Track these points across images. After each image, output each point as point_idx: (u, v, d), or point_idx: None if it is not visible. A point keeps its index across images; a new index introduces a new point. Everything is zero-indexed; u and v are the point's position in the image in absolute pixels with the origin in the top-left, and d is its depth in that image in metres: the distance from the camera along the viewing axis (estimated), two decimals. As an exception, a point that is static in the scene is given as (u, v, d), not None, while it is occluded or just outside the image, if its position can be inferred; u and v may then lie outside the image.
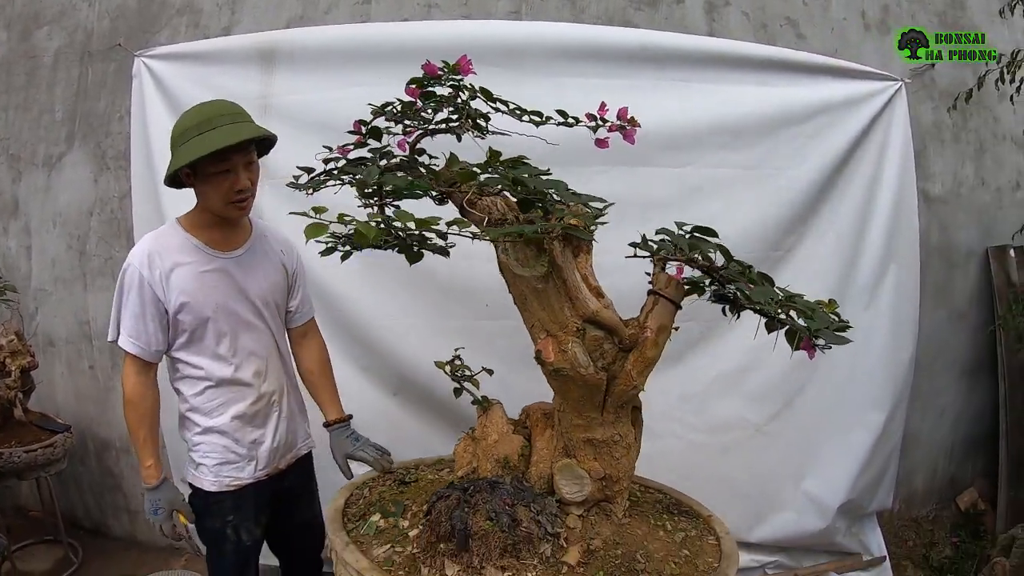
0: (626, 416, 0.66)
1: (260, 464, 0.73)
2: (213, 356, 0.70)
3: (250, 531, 0.74)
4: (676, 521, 0.71)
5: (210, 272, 0.69)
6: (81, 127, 1.31)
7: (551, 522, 0.60)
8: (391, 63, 1.13)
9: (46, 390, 1.34)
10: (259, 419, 0.73)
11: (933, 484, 1.51)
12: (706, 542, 0.67)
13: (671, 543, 0.65)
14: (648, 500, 0.76)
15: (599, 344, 0.61)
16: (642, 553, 0.62)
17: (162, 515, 0.70)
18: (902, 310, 1.27)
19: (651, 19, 1.21)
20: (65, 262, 1.34)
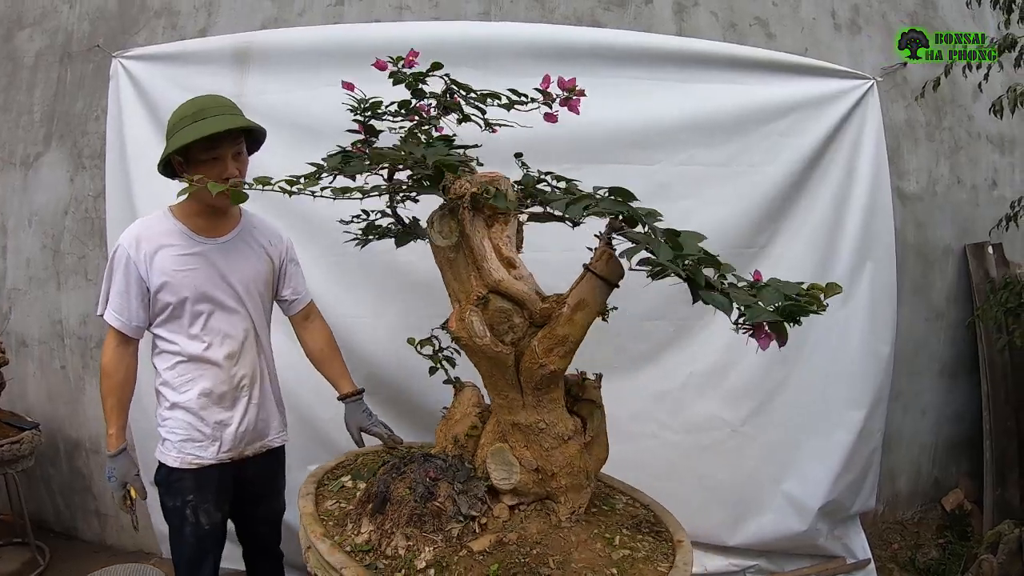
0: (553, 403, 0.60)
1: (224, 446, 0.75)
2: (187, 334, 0.74)
3: (209, 514, 0.75)
4: (632, 538, 0.62)
5: (191, 256, 0.73)
6: (59, 127, 1.33)
7: (470, 504, 0.59)
8: (363, 63, 1.17)
9: (18, 390, 1.34)
10: (227, 401, 0.75)
11: (917, 485, 1.50)
12: (653, 568, 0.58)
13: (604, 559, 0.57)
14: (623, 512, 0.68)
15: (507, 317, 0.57)
16: (557, 560, 0.56)
17: (114, 483, 0.74)
18: (879, 307, 1.27)
19: (620, 19, 1.24)
20: (39, 261, 1.35)
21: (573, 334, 0.56)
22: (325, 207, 1.12)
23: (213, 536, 0.77)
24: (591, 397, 0.63)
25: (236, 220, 0.79)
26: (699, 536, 1.23)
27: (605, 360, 1.16)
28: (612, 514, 0.67)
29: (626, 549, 0.60)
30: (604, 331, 1.14)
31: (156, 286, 0.72)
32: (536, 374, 0.57)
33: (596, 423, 0.63)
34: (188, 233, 0.74)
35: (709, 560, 1.24)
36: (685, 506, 1.18)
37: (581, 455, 0.61)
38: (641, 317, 1.17)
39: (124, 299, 0.72)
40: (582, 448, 0.62)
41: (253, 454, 0.79)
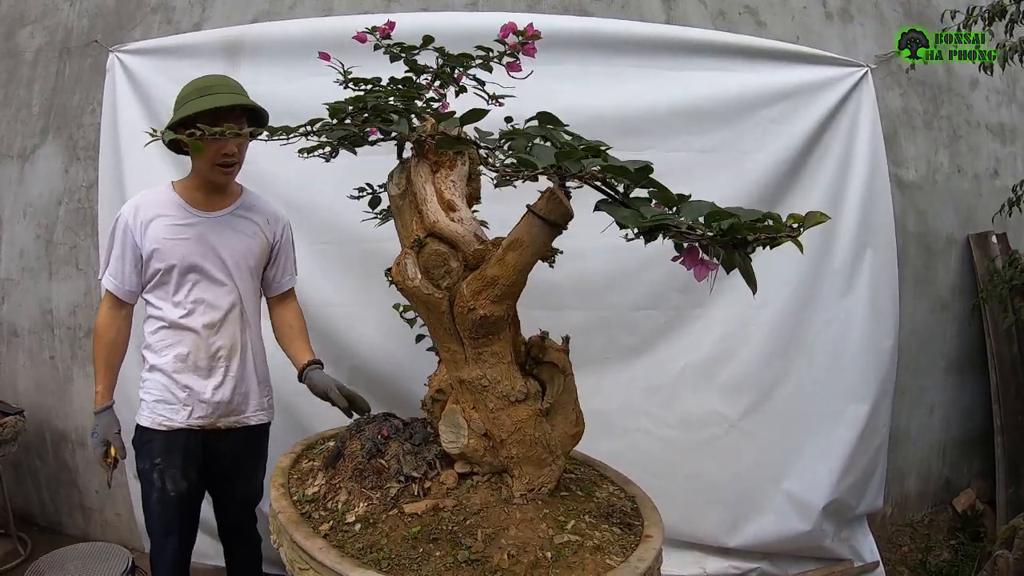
0: (496, 358, 0.54)
1: (195, 412, 0.77)
2: (172, 301, 0.77)
3: (175, 480, 0.76)
4: (593, 527, 0.56)
5: (184, 226, 0.77)
6: (55, 120, 1.36)
7: (414, 466, 0.58)
8: (351, 53, 1.20)
9: (7, 380, 1.35)
10: (202, 369, 0.78)
11: (927, 486, 1.45)
12: (600, 559, 0.51)
13: (542, 540, 0.51)
14: (600, 500, 0.61)
15: (444, 260, 0.54)
16: (487, 533, 0.51)
17: (96, 439, 0.77)
18: (881, 296, 1.24)
19: (607, 8, 1.24)
20: (32, 252, 1.37)
21: (503, 276, 0.50)
22: (313, 195, 1.15)
23: (179, 507, 0.77)
24: (552, 359, 0.58)
25: (235, 197, 0.82)
26: (697, 537, 1.20)
27: (595, 352, 1.16)
28: (585, 500, 0.60)
29: (576, 535, 0.53)
30: (593, 322, 1.16)
31: (148, 252, 0.76)
32: (467, 319, 0.52)
33: (556, 389, 0.57)
34: (184, 205, 0.78)
35: (709, 562, 1.20)
36: (681, 505, 1.17)
37: (535, 422, 0.56)
38: (631, 307, 1.16)
39: (120, 264, 0.77)
40: (537, 414, 0.56)
41: (227, 427, 0.80)
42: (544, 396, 0.58)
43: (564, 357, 0.58)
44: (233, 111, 0.75)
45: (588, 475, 0.69)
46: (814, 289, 1.22)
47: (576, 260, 0.86)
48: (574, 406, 0.60)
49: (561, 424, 0.59)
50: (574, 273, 1.12)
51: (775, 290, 1.20)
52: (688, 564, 1.18)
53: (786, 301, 1.20)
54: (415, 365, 0.92)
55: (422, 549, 0.51)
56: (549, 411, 0.57)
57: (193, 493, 0.79)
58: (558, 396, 0.57)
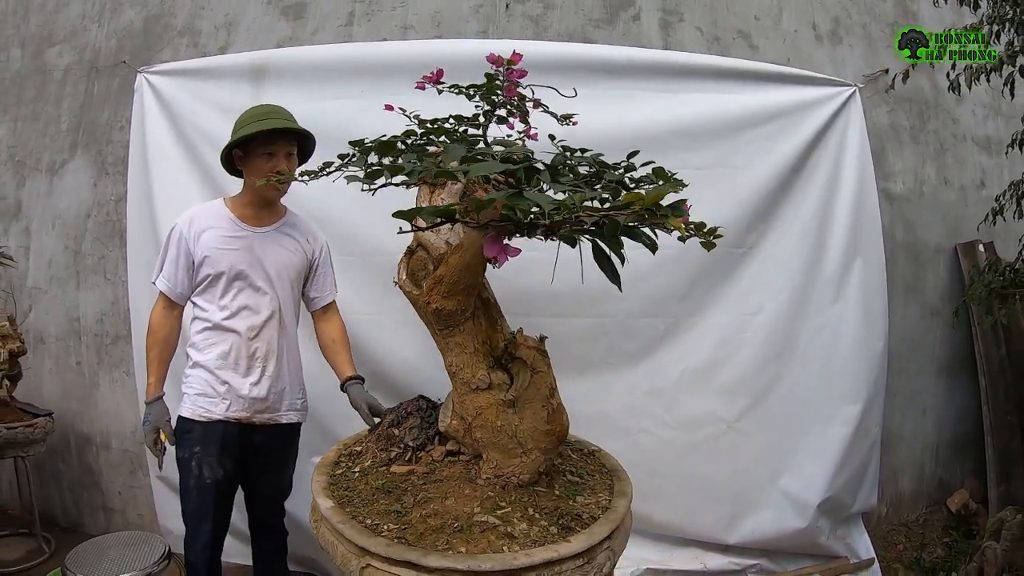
0: (460, 348, 0.60)
1: (233, 406, 0.89)
2: (218, 304, 0.90)
3: (212, 468, 0.87)
4: (525, 518, 0.58)
5: (233, 238, 0.90)
6: (84, 136, 1.48)
7: (413, 438, 0.70)
8: (371, 78, 1.32)
9: (34, 384, 1.45)
10: (241, 367, 0.89)
11: (921, 486, 1.54)
12: (494, 543, 0.54)
13: (463, 515, 0.57)
14: (574, 502, 0.62)
15: (424, 264, 0.64)
16: (426, 497, 0.60)
17: (148, 427, 0.87)
18: (871, 302, 1.35)
19: (609, 36, 1.37)
20: (61, 262, 1.48)
21: (448, 274, 0.60)
22: (336, 210, 1.26)
23: (215, 495, 0.87)
24: (521, 355, 0.61)
25: (280, 215, 0.95)
26: (697, 534, 1.29)
27: (598, 358, 1.27)
28: (556, 499, 0.62)
29: (499, 520, 0.57)
30: (595, 329, 1.27)
31: (199, 259, 0.89)
32: (426, 312, 0.61)
33: (522, 383, 0.60)
34: (235, 220, 0.91)
35: (709, 558, 1.29)
36: (682, 503, 1.28)
37: (496, 411, 0.60)
38: (631, 315, 1.26)
39: (173, 268, 0.90)
40: (499, 404, 0.60)
41: (261, 423, 0.91)
42: (511, 388, 0.60)
43: (533, 354, 0.60)
44: (285, 134, 0.88)
45: (596, 483, 0.66)
46: (806, 297, 1.32)
47: (578, 271, 0.96)
48: (545, 403, 0.61)
49: (530, 418, 0.61)
50: (575, 283, 1.22)
51: (769, 298, 1.31)
52: (688, 560, 1.28)
53: (779, 308, 1.31)
54: (429, 368, 1.01)
55: (374, 496, 0.65)
56: (515, 403, 0.60)
57: (228, 482, 0.89)
58: (523, 390, 0.60)
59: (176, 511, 1.33)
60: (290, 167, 0.89)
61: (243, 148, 0.88)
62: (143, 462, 1.39)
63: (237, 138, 0.87)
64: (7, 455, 1.28)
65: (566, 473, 0.69)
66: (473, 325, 0.59)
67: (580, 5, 1.39)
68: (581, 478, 0.69)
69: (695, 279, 1.29)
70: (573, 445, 0.80)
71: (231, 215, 0.91)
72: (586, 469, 0.72)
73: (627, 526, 0.63)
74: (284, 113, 0.92)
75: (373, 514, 0.62)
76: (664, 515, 1.28)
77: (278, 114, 0.90)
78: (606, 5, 1.40)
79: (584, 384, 1.23)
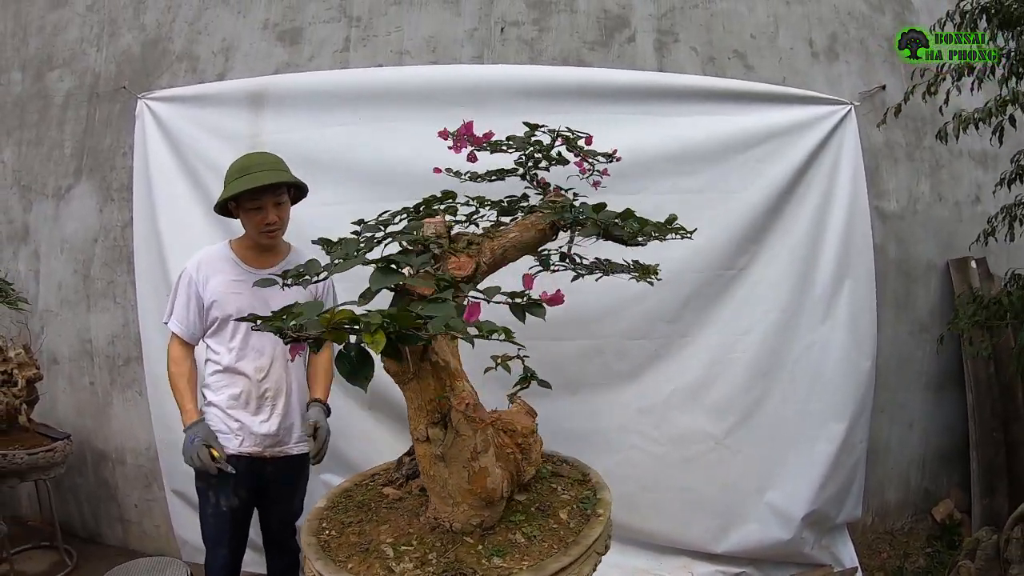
0: (409, 400, 0.66)
1: (246, 442, 0.98)
2: (227, 346, 0.98)
3: (227, 497, 0.96)
4: (435, 551, 0.65)
5: (239, 282, 0.97)
6: (88, 162, 1.56)
7: (411, 469, 0.82)
8: (367, 104, 1.39)
9: (48, 404, 1.56)
10: (251, 407, 0.98)
11: (907, 496, 1.64)
12: (386, 565, 0.62)
13: (387, 542, 0.65)
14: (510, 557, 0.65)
15: None
16: (378, 519, 0.72)
17: (198, 443, 0.93)
18: (859, 322, 1.42)
19: (604, 58, 1.43)
20: (70, 285, 1.58)
21: None
22: (338, 226, 1.33)
23: (230, 520, 0.97)
24: (451, 417, 0.65)
25: (282, 255, 1.02)
26: (686, 544, 1.40)
27: (591, 378, 1.36)
28: (464, 551, 0.65)
29: (393, 554, 0.65)
30: (589, 350, 1.35)
31: (208, 303, 0.97)
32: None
33: (446, 442, 0.64)
34: (239, 263, 0.99)
35: (697, 567, 1.40)
36: (671, 514, 1.38)
37: (431, 462, 0.66)
38: (623, 336, 1.35)
39: (185, 311, 0.98)
40: (432, 457, 0.66)
41: (272, 456, 0.99)
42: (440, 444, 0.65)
43: (460, 417, 0.65)
44: (268, 186, 0.93)
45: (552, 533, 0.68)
46: (795, 317, 1.40)
47: (573, 294, 1.04)
48: (467, 464, 0.66)
49: (456, 475, 0.66)
50: (571, 306, 1.30)
51: (759, 319, 1.39)
52: (677, 568, 1.39)
53: (768, 328, 1.39)
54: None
55: (346, 507, 0.79)
56: (444, 459, 0.66)
57: (243, 509, 0.99)
58: (448, 448, 0.65)
59: (190, 523, 1.46)
60: (280, 215, 0.96)
61: (234, 200, 0.95)
62: (158, 476, 1.51)
63: (224, 197, 0.94)
64: (29, 479, 1.39)
65: (520, 530, 0.69)
66: (417, 384, 0.64)
67: (575, 28, 1.44)
68: (529, 540, 0.68)
69: (686, 301, 1.36)
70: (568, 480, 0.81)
71: (235, 258, 0.99)
72: (543, 527, 0.70)
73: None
74: (270, 162, 0.96)
75: (336, 520, 0.76)
76: (654, 526, 1.38)
77: (262, 165, 0.94)
78: (601, 27, 1.45)
79: (577, 402, 1.31)
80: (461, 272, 0.68)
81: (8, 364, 1.43)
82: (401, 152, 1.29)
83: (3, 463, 1.32)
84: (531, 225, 0.73)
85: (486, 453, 0.67)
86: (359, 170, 1.35)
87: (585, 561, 0.66)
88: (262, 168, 0.94)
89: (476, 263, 0.70)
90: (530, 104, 1.31)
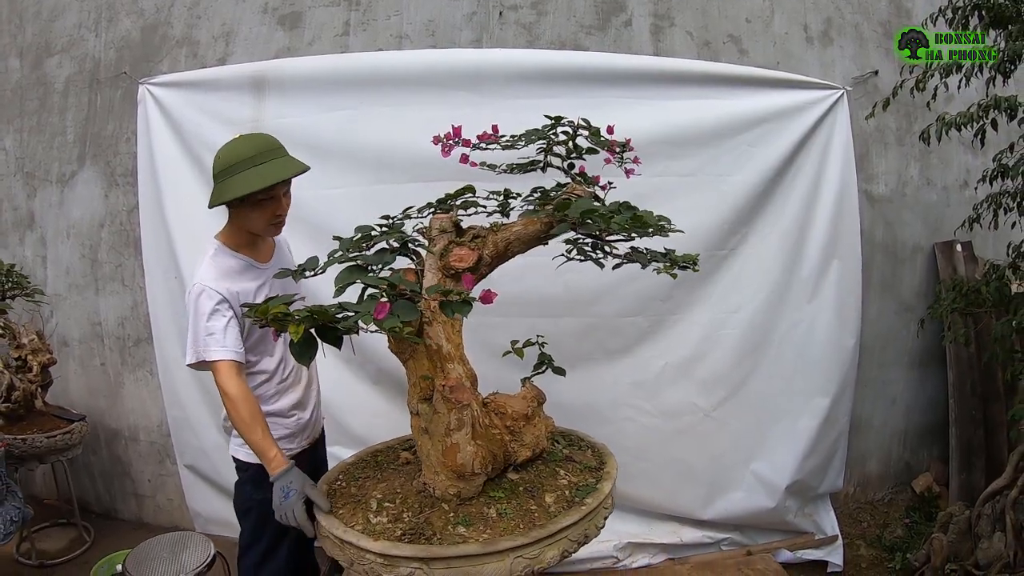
0: (407, 379, 0.75)
1: (304, 436, 0.97)
2: (268, 353, 0.90)
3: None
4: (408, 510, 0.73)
5: (261, 285, 0.90)
6: (91, 148, 1.61)
7: None
8: (368, 88, 1.43)
9: (60, 386, 1.64)
10: (302, 401, 0.96)
11: (888, 469, 1.75)
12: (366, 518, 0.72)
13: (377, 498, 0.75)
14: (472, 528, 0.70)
15: None
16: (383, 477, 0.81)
17: (293, 497, 0.77)
18: (845, 302, 1.50)
19: (601, 42, 1.47)
20: (78, 270, 1.65)
21: None
22: (338, 221, 1.39)
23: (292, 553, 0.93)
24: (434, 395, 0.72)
25: (273, 242, 0.96)
26: (675, 510, 1.51)
27: (587, 353, 1.45)
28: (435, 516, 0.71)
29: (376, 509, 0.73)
30: (586, 328, 1.44)
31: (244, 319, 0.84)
32: None
33: (427, 417, 0.72)
34: (252, 263, 0.90)
35: (685, 532, 1.51)
36: (662, 483, 1.48)
37: (418, 433, 0.75)
38: (618, 314, 1.43)
39: (230, 335, 0.83)
40: (419, 429, 0.75)
41: (313, 440, 1.01)
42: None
43: (439, 396, 0.72)
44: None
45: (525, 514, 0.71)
46: (783, 296, 1.48)
47: (571, 275, 1.12)
48: (441, 439, 0.72)
49: (435, 448, 0.73)
50: (569, 286, 1.39)
51: (748, 297, 1.47)
52: (666, 533, 1.50)
53: (757, 307, 1.47)
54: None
55: (366, 465, 0.89)
56: (428, 431, 0.73)
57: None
58: (429, 423, 0.73)
59: (203, 495, 1.55)
60: (287, 202, 0.89)
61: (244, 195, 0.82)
62: (170, 452, 1.60)
63: (241, 193, 0.81)
64: (48, 461, 1.47)
65: (496, 506, 0.72)
66: (414, 364, 0.73)
67: (572, 12, 1.48)
68: (500, 517, 0.71)
69: (679, 281, 1.40)
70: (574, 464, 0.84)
71: (245, 260, 0.89)
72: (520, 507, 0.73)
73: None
74: (277, 148, 0.86)
75: (351, 475, 0.86)
76: (645, 494, 1.48)
77: (273, 151, 0.84)
78: (598, 11, 1.49)
79: (574, 377, 1.39)
80: (462, 264, 0.74)
81: (22, 350, 1.50)
82: (402, 136, 1.34)
83: (23, 447, 1.40)
84: (535, 219, 0.77)
85: (459, 431, 0.72)
86: (360, 154, 1.41)
87: (551, 545, 0.68)
88: (275, 155, 0.85)
89: (479, 255, 0.75)
90: (528, 88, 1.36)
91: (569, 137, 0.86)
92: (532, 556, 0.67)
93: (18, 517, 1.25)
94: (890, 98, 1.31)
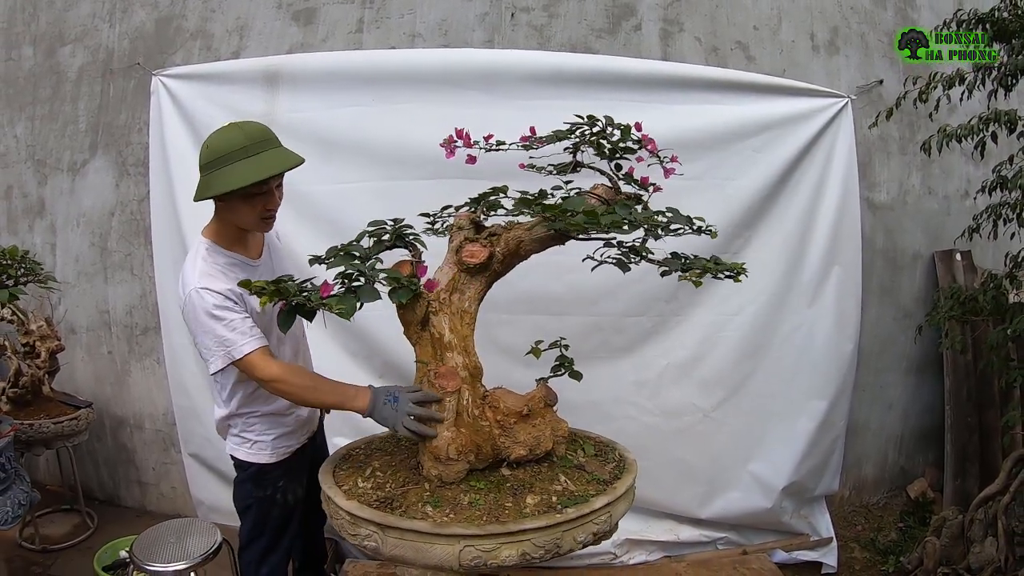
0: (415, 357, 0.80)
1: (304, 432, 0.97)
2: (276, 349, 0.87)
3: (295, 492, 0.95)
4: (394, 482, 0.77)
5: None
6: (103, 137, 1.64)
7: None
8: (381, 85, 1.47)
9: (67, 373, 1.67)
10: None
11: (884, 473, 1.80)
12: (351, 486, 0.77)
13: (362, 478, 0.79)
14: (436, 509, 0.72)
15: None
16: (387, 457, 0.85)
17: (404, 401, 0.76)
18: (845, 307, 1.54)
19: (611, 46, 1.51)
20: (87, 258, 1.68)
21: None
22: (348, 215, 1.43)
23: (295, 509, 0.96)
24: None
25: (262, 236, 0.93)
26: (673, 508, 1.55)
27: (590, 352, 1.48)
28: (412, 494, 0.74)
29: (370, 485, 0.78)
30: (589, 326, 1.47)
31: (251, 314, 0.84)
32: None
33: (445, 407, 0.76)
34: (247, 261, 0.88)
35: (682, 530, 1.55)
36: (661, 481, 1.52)
37: None
38: (622, 314, 1.47)
39: (251, 325, 0.81)
40: None
41: (312, 435, 1.01)
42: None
43: (427, 383, 0.78)
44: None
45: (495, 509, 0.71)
46: (784, 299, 1.52)
47: (576, 274, 1.14)
48: (447, 427, 0.75)
49: (443, 432, 0.76)
50: (574, 285, 1.43)
51: (749, 300, 1.51)
52: (664, 531, 1.54)
53: (758, 310, 1.51)
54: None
55: (384, 440, 0.93)
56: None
57: (305, 496, 0.96)
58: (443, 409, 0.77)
59: (206, 484, 1.59)
60: (280, 196, 0.86)
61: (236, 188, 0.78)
62: (175, 440, 1.64)
63: (235, 186, 0.76)
64: (54, 446, 1.51)
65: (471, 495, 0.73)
66: (419, 350, 0.80)
67: (583, 15, 1.52)
68: (470, 506, 0.72)
69: (683, 282, 1.48)
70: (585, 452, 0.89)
71: (240, 258, 0.87)
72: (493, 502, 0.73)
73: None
74: (270, 138, 0.81)
75: (368, 448, 0.90)
76: (644, 491, 1.50)
77: (266, 141, 0.80)
78: (608, 15, 1.53)
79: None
80: (473, 260, 0.78)
81: (31, 336, 1.54)
82: (415, 133, 1.37)
83: (30, 432, 1.43)
84: (540, 219, 0.78)
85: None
86: (373, 150, 1.45)
87: (509, 544, 0.67)
88: (269, 145, 0.80)
89: (491, 252, 0.79)
90: (540, 89, 1.40)
91: (605, 137, 0.86)
92: (485, 550, 0.66)
93: (26, 501, 1.29)
94: (893, 108, 1.36)
